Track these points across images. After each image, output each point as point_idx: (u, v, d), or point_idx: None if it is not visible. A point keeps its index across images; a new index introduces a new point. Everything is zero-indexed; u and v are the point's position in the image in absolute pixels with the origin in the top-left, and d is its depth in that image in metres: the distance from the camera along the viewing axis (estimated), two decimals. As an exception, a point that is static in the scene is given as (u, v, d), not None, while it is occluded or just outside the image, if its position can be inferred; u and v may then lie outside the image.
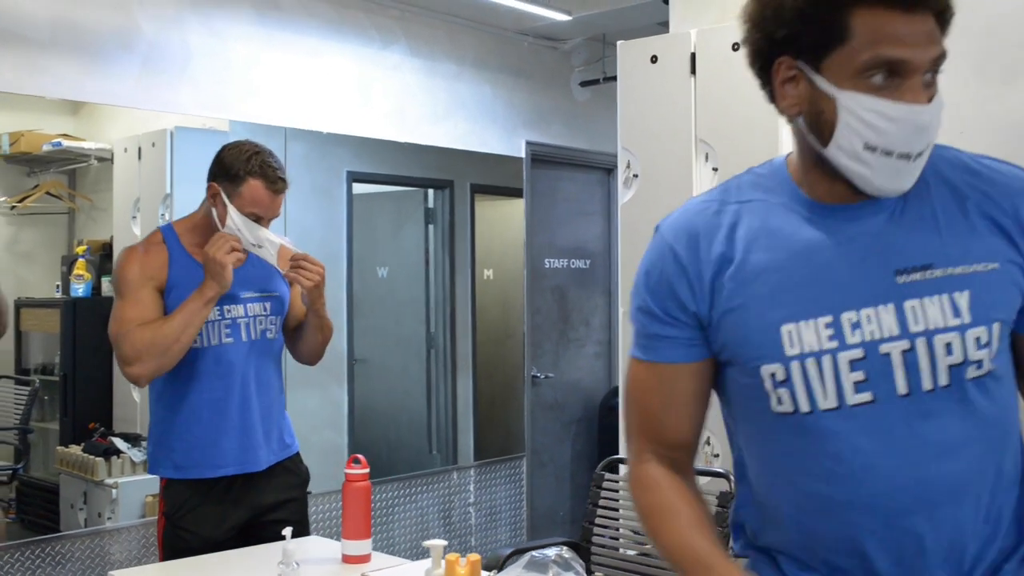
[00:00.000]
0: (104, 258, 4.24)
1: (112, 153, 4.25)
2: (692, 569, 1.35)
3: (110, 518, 3.98)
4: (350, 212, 4.74)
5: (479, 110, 5.21)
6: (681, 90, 3.70)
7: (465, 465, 5.20)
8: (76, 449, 4.10)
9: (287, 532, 2.30)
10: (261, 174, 2.64)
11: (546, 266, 5.59)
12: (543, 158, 5.48)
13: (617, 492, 3.23)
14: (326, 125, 4.55)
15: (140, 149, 4.28)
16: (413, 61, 4.91)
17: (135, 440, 4.12)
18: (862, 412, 1.30)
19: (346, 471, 2.57)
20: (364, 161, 4.82)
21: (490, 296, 5.51)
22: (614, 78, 3.88)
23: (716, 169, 3.59)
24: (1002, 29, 2.86)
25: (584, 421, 5.66)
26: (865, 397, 1.30)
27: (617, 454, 3.36)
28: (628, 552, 3.13)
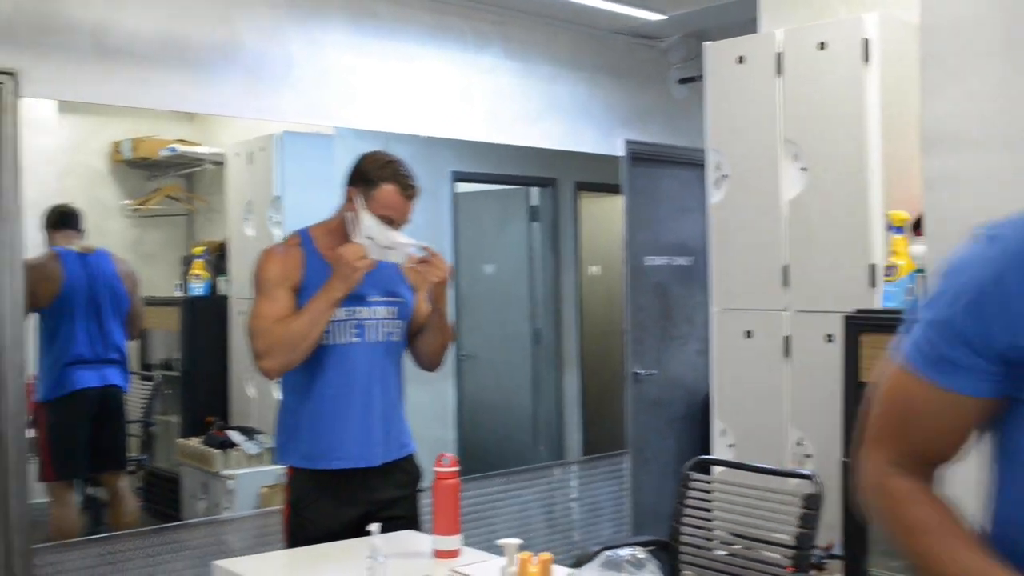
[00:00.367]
0: (219, 258, 4.40)
1: (225, 157, 4.41)
2: None
3: (227, 508, 4.13)
4: (455, 210, 4.82)
5: (576, 110, 5.22)
6: (768, 90, 3.68)
7: (568, 461, 5.24)
8: (195, 441, 4.27)
9: (374, 528, 2.38)
10: (394, 179, 2.78)
11: (648, 263, 5.58)
12: (642, 156, 5.47)
13: (708, 492, 3.24)
14: (425, 128, 4.63)
15: (250, 153, 4.43)
16: (509, 63, 4.95)
17: (250, 433, 4.28)
18: None
19: (435, 469, 2.66)
20: (467, 161, 4.89)
21: (596, 292, 5.53)
22: (713, 75, 3.87)
23: (805, 169, 3.57)
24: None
25: (688, 418, 5.64)
26: None
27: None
28: (718, 552, 3.15)
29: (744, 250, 3.86)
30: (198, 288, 4.35)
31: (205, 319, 4.43)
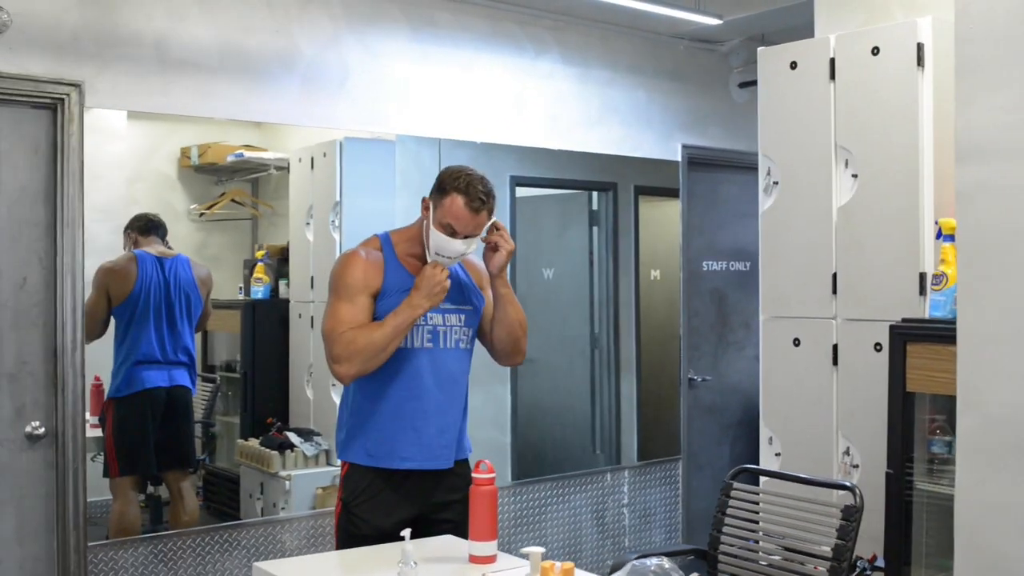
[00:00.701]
0: (281, 262, 4.47)
1: (288, 163, 4.49)
2: None
3: (283, 508, 4.19)
4: (513, 215, 4.84)
5: (633, 115, 5.21)
6: (820, 95, 3.64)
7: (621, 466, 5.22)
8: (254, 442, 4.34)
9: (406, 533, 2.42)
10: (464, 191, 2.83)
11: (705, 268, 5.55)
12: (701, 160, 5.44)
13: (748, 502, 3.22)
14: (483, 135, 4.66)
15: (312, 159, 4.49)
16: (566, 69, 4.96)
17: (308, 435, 4.34)
18: None
19: (473, 475, 2.68)
20: (526, 166, 4.89)
21: (657, 297, 5.50)
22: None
23: (856, 176, 3.52)
24: None
25: (744, 425, 5.58)
26: None
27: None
28: (757, 562, 3.13)
29: (793, 257, 3.82)
30: (260, 291, 4.42)
31: (266, 322, 4.49)
